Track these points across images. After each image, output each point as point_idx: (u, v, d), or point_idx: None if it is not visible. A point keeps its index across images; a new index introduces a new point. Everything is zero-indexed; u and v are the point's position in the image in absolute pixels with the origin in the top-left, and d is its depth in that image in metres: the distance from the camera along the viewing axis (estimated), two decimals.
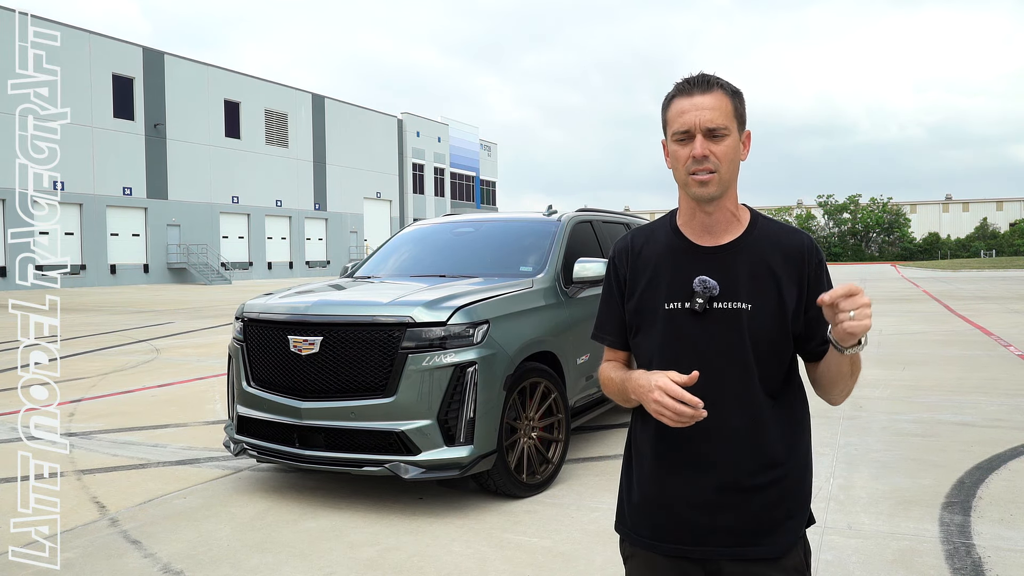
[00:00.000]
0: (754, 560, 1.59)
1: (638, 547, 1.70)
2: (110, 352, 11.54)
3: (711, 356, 1.58)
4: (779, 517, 1.60)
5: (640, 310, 1.67)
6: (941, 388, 7.55)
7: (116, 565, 3.54)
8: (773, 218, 1.69)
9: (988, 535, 3.71)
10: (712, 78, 1.57)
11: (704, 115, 1.53)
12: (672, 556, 1.63)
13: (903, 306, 18.15)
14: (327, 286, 5.29)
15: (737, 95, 1.59)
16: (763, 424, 1.60)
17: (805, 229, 48.52)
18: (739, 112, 1.58)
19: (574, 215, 5.96)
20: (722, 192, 1.58)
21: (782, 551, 1.60)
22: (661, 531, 1.64)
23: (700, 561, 1.61)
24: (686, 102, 1.56)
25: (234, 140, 46.22)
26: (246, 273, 46.86)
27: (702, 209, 1.61)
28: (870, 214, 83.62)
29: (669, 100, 1.60)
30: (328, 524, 4.05)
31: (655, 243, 1.69)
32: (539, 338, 4.70)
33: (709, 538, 1.60)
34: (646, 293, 1.66)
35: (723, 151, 1.55)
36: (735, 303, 1.58)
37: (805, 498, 1.66)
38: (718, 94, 1.55)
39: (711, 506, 1.59)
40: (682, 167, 1.57)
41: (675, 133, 1.57)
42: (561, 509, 4.24)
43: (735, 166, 1.58)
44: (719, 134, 1.54)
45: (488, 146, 75.22)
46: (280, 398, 4.37)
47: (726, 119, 1.55)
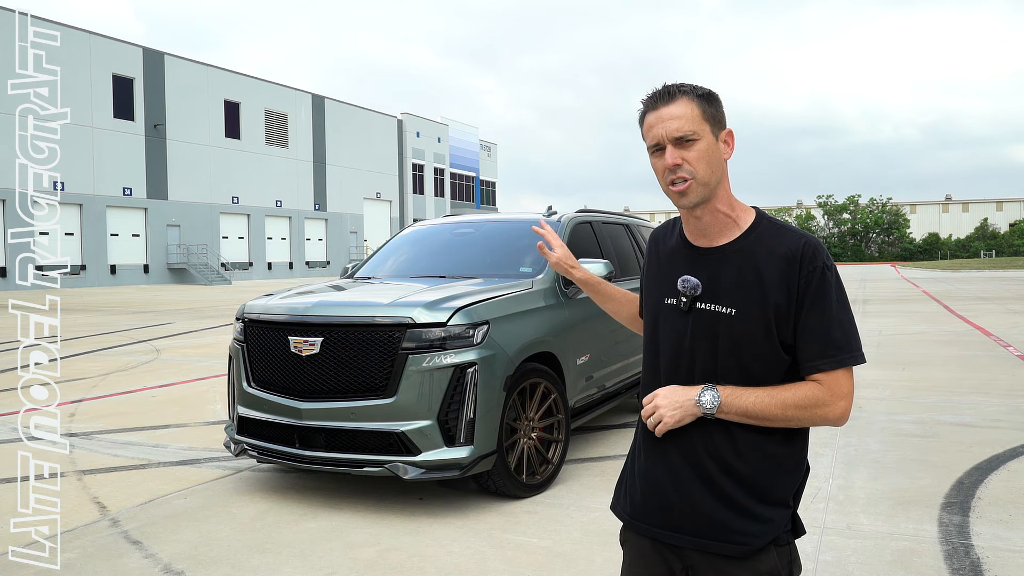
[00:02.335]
0: (718, 556, 1.60)
1: (628, 530, 1.76)
2: (110, 352, 11.54)
3: (690, 352, 1.63)
4: (744, 516, 1.59)
5: (648, 299, 1.78)
6: (940, 389, 7.56)
7: (116, 565, 3.55)
8: (781, 222, 1.66)
9: (987, 535, 3.72)
10: (675, 87, 1.59)
11: (670, 125, 1.56)
12: (649, 538, 1.69)
13: (903, 306, 18.16)
14: (327, 287, 5.29)
15: (706, 98, 1.59)
16: (738, 428, 1.59)
17: (804, 229, 48.99)
18: (710, 114, 1.58)
19: (574, 216, 5.97)
20: (704, 196, 1.59)
21: (748, 552, 1.58)
22: (638, 509, 1.71)
23: (674, 549, 1.65)
24: (652, 116, 1.60)
25: (234, 140, 46.21)
26: (246, 273, 46.85)
27: (691, 214, 1.64)
28: (870, 214, 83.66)
29: (641, 116, 1.65)
30: (328, 524, 4.06)
31: (669, 239, 1.77)
32: (539, 339, 4.70)
33: (678, 525, 1.64)
34: (653, 287, 1.75)
35: (695, 156, 1.56)
36: (716, 306, 1.60)
37: (779, 503, 1.61)
38: (683, 101, 1.57)
39: (679, 494, 1.63)
40: (662, 179, 1.62)
41: (649, 148, 1.62)
42: (561, 509, 4.24)
43: (714, 167, 1.58)
44: (688, 139, 1.56)
45: (488, 146, 75.21)
46: (280, 399, 4.37)
47: (693, 124, 1.56)
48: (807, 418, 1.56)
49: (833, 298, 1.55)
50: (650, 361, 1.73)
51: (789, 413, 1.55)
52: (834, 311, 1.55)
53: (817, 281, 1.54)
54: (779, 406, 1.54)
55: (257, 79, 48.10)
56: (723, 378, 1.59)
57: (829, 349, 1.54)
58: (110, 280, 39.07)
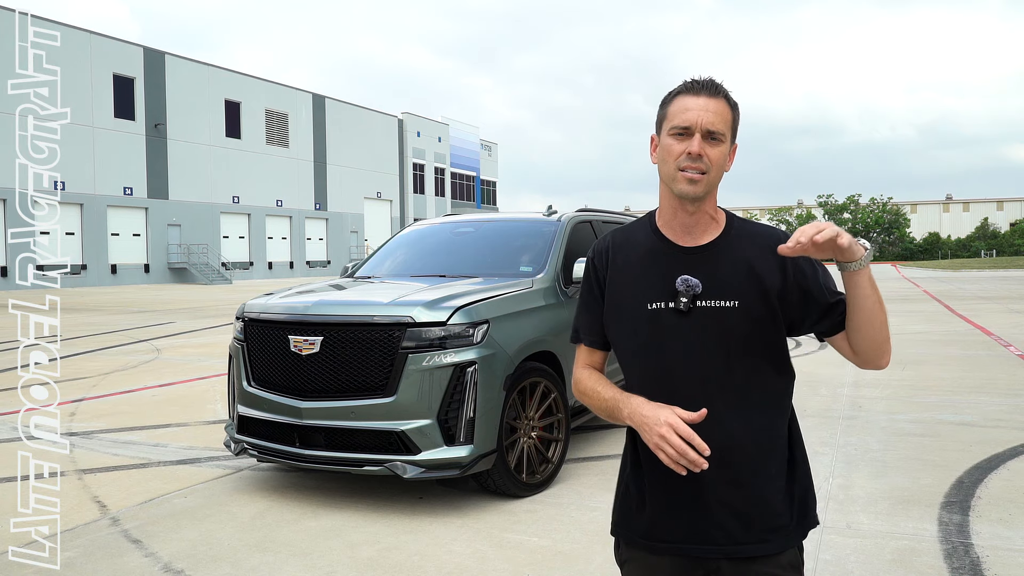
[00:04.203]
0: (751, 558, 1.60)
1: (635, 549, 1.70)
2: (111, 352, 11.55)
3: (697, 355, 1.60)
4: (776, 514, 1.61)
5: (621, 310, 1.68)
6: (941, 388, 7.56)
7: (117, 564, 3.55)
8: (748, 219, 1.73)
9: (987, 535, 3.72)
10: (720, 86, 1.62)
11: (708, 116, 1.57)
12: (671, 556, 1.64)
13: (903, 306, 18.15)
14: (327, 286, 5.30)
15: (736, 108, 1.63)
16: (754, 421, 1.61)
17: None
18: (735, 124, 1.63)
19: (574, 215, 5.96)
20: (706, 194, 1.61)
21: (779, 548, 1.62)
22: (659, 531, 1.65)
23: (699, 560, 1.62)
24: (692, 100, 1.58)
25: (235, 140, 46.21)
26: (247, 273, 46.86)
27: (684, 208, 1.63)
28: (870, 214, 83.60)
29: (673, 96, 1.62)
30: (328, 523, 4.06)
31: (635, 244, 1.71)
32: (539, 338, 4.70)
33: (706, 537, 1.60)
34: (627, 293, 1.68)
35: (716, 156, 1.58)
36: (720, 301, 1.60)
37: (803, 494, 1.66)
38: (723, 102, 1.59)
39: (707, 505, 1.60)
40: (673, 161, 1.59)
41: (674, 127, 1.59)
42: (561, 509, 4.24)
43: (721, 173, 1.62)
44: (716, 138, 1.58)
45: (488, 146, 75.19)
46: (280, 398, 4.37)
47: (725, 126, 1.59)
48: (887, 326, 1.58)
49: (824, 268, 1.65)
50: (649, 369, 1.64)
51: (883, 308, 1.57)
52: (829, 277, 1.65)
53: (806, 261, 1.62)
54: (879, 296, 1.56)
55: (258, 79, 48.09)
56: (734, 373, 1.59)
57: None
58: (111, 280, 39.08)
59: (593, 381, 1.75)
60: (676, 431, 1.48)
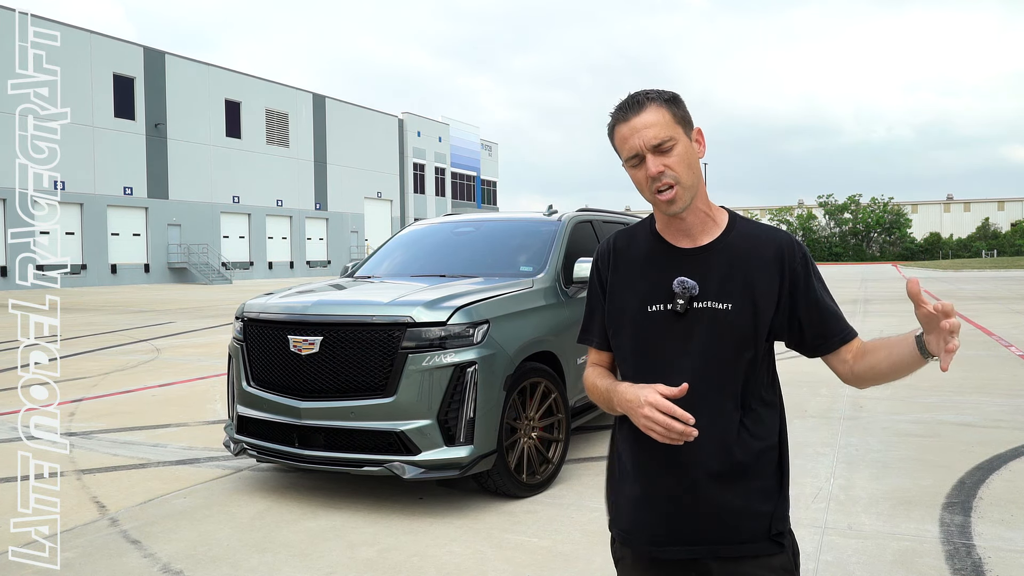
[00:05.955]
0: (739, 559, 1.60)
1: (628, 547, 1.72)
2: (111, 352, 11.54)
3: (693, 356, 1.60)
4: (763, 515, 1.61)
5: (622, 312, 1.70)
6: (942, 388, 7.55)
7: (116, 565, 3.54)
8: (751, 219, 1.72)
9: (988, 535, 3.71)
10: (641, 95, 1.60)
11: (646, 135, 1.56)
12: (662, 555, 1.65)
13: (904, 306, 18.13)
14: (327, 286, 5.29)
15: (672, 101, 1.60)
16: (741, 423, 1.61)
17: (806, 229, 48.57)
18: (680, 116, 1.60)
19: (575, 215, 5.96)
20: (690, 199, 1.60)
21: (768, 549, 1.61)
22: (646, 532, 1.66)
23: (690, 560, 1.63)
24: (625, 128, 1.58)
25: (235, 140, 46.21)
26: (247, 273, 46.86)
27: (676, 217, 1.63)
28: (871, 214, 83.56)
29: (611, 130, 1.63)
30: (328, 524, 4.05)
31: (636, 246, 1.72)
32: (539, 338, 4.69)
33: (693, 538, 1.61)
34: (628, 295, 1.69)
35: (676, 160, 1.57)
36: (714, 303, 1.60)
37: (786, 496, 1.67)
38: (652, 108, 1.57)
39: (693, 506, 1.60)
40: (645, 188, 1.60)
41: (626, 160, 1.61)
42: (561, 509, 4.24)
43: (694, 168, 1.60)
44: (666, 146, 1.56)
45: (489, 146, 75.19)
46: (280, 398, 4.36)
47: (668, 129, 1.56)
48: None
49: (820, 280, 1.66)
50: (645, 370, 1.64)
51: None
52: (826, 291, 1.66)
53: (802, 269, 1.63)
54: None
55: (258, 78, 48.09)
56: (721, 373, 1.59)
57: (842, 323, 1.64)
58: (111, 280, 39.08)
59: (595, 376, 1.77)
60: (658, 408, 1.50)
